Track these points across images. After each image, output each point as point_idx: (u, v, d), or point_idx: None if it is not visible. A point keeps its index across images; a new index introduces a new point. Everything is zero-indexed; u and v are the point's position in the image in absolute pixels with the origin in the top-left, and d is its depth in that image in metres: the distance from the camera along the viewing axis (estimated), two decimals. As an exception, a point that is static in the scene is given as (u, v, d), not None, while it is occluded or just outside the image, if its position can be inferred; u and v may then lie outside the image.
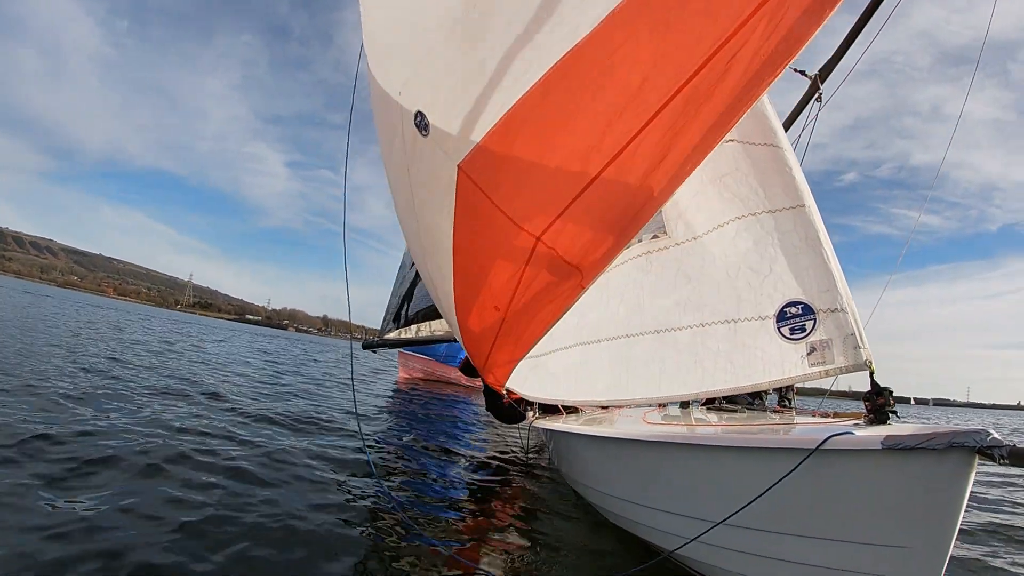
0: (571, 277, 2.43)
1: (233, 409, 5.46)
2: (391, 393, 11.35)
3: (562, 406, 4.70)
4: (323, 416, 5.98)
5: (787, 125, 4.86)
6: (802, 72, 4.31)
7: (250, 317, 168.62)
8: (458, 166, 2.47)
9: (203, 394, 6.04)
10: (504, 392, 3.62)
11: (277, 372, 11.16)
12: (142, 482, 2.87)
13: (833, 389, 4.23)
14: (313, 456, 4.00)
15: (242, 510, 2.69)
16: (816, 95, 4.23)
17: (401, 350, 14.94)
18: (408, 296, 9.28)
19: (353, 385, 3.93)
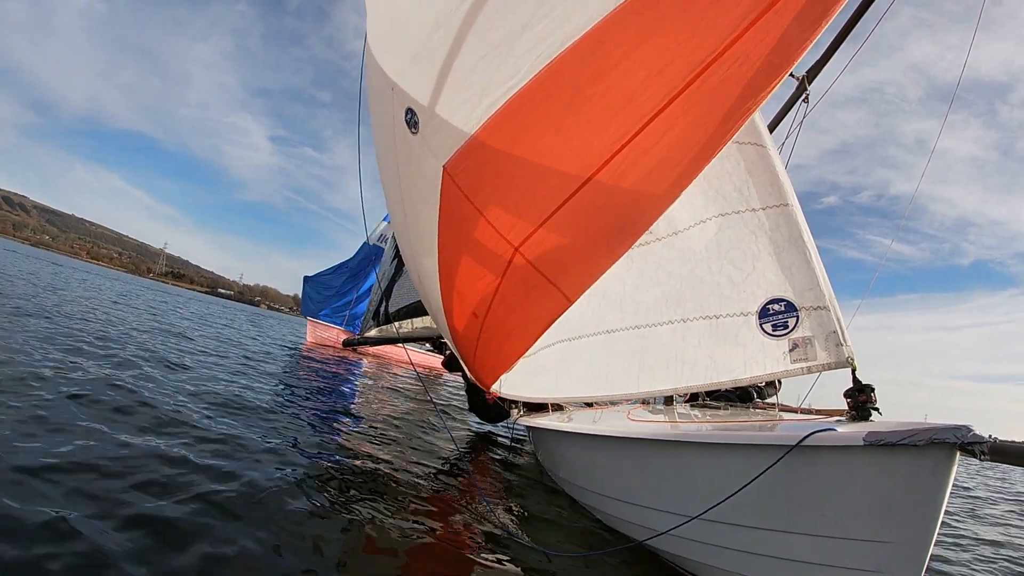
0: (548, 294, 2.35)
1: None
2: (319, 360, 11.17)
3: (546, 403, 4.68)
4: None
5: (773, 126, 4.90)
6: (790, 73, 4.33)
7: (222, 291, 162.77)
8: (443, 167, 2.42)
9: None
10: (489, 392, 3.59)
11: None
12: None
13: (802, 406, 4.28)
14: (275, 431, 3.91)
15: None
16: (803, 96, 4.26)
17: (310, 318, 16.10)
18: (387, 293, 9.22)
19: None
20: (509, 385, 4.04)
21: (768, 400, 4.75)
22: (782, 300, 2.68)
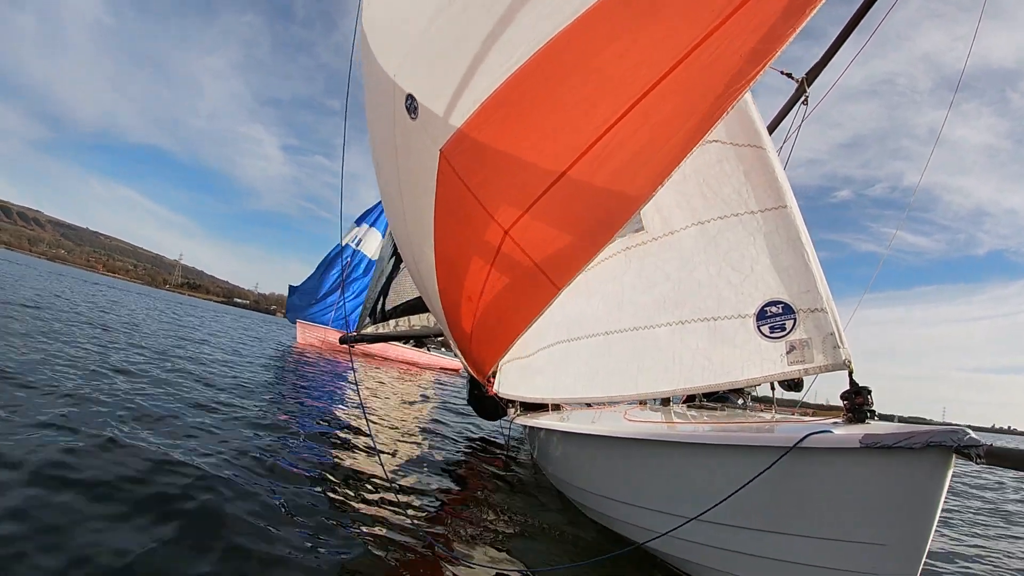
0: (537, 279, 2.39)
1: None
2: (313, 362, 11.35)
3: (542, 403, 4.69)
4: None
5: (772, 127, 4.90)
6: (788, 75, 4.32)
7: (238, 301, 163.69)
8: (440, 151, 2.48)
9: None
10: (487, 383, 3.61)
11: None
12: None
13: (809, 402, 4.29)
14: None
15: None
16: (803, 98, 4.26)
17: (299, 319, 17.07)
18: (384, 291, 9.21)
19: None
20: (508, 385, 4.04)
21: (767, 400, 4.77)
22: (780, 302, 2.69)
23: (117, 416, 3.50)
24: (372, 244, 16.82)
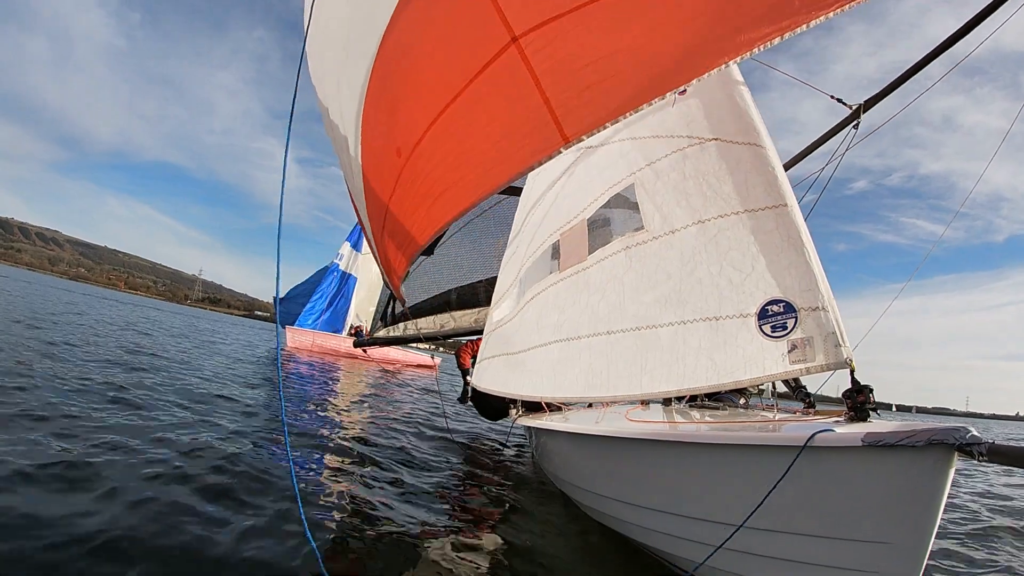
0: (539, 116, 1.68)
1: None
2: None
3: (545, 404, 4.70)
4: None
5: (817, 145, 5.07)
6: (839, 100, 4.46)
7: (259, 313, 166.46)
8: None
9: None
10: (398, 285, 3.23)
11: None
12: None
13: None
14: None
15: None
16: (855, 123, 4.36)
17: (288, 325, 19.03)
18: (393, 296, 9.37)
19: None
20: (492, 380, 4.03)
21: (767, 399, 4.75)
22: (781, 301, 2.67)
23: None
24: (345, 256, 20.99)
